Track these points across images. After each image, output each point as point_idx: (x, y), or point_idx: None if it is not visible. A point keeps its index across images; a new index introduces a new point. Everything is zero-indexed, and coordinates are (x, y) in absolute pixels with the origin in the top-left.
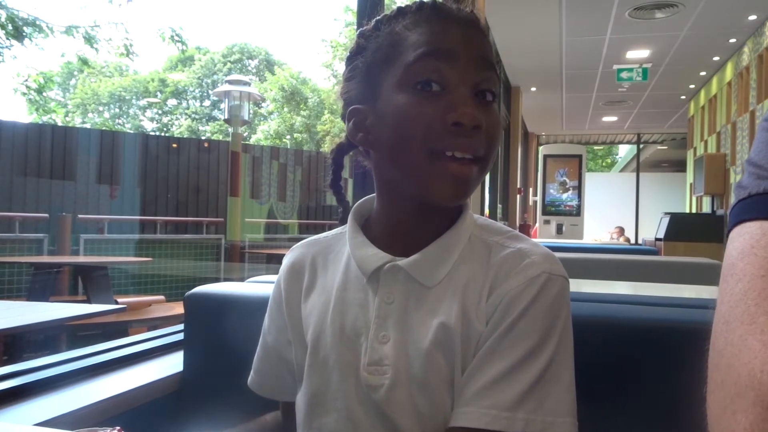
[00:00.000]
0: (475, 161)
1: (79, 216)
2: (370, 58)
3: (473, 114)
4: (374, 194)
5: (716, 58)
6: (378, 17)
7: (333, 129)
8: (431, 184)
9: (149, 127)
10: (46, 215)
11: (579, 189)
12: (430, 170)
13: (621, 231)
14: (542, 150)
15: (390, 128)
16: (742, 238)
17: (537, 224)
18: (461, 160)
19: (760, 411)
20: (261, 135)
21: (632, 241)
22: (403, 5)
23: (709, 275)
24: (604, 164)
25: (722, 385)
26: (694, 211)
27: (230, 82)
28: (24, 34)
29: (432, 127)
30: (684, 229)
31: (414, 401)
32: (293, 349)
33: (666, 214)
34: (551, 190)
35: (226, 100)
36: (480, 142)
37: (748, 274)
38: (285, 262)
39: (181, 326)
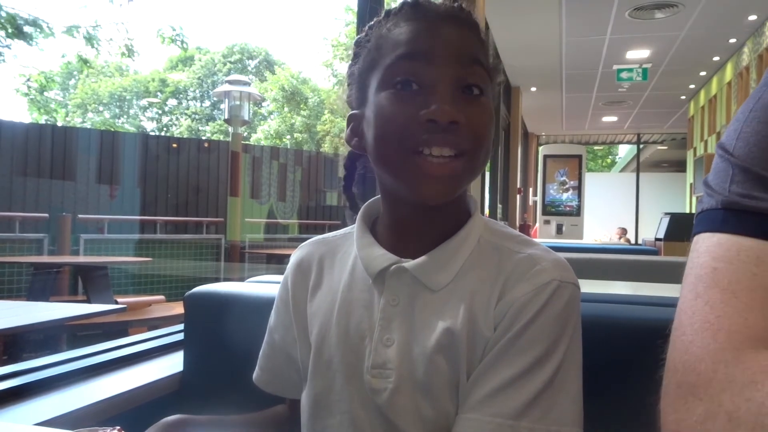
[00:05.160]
0: (457, 157)
1: (79, 216)
2: (361, 64)
3: (446, 110)
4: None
5: (716, 58)
6: (371, 23)
7: (333, 129)
8: (411, 182)
9: (149, 127)
10: (46, 215)
11: (579, 189)
12: (408, 169)
13: (623, 232)
14: (542, 150)
15: (372, 129)
16: (696, 252)
17: (537, 224)
18: (438, 158)
19: (707, 402)
20: (261, 135)
21: (632, 241)
22: (389, 8)
23: None
24: (604, 164)
25: (675, 383)
26: (694, 211)
27: (230, 82)
28: (25, 34)
29: (406, 125)
30: (684, 229)
31: (417, 406)
32: (298, 347)
33: (666, 214)
34: (551, 190)
35: (226, 100)
36: (461, 137)
37: (700, 282)
38: (292, 259)
39: (181, 326)
